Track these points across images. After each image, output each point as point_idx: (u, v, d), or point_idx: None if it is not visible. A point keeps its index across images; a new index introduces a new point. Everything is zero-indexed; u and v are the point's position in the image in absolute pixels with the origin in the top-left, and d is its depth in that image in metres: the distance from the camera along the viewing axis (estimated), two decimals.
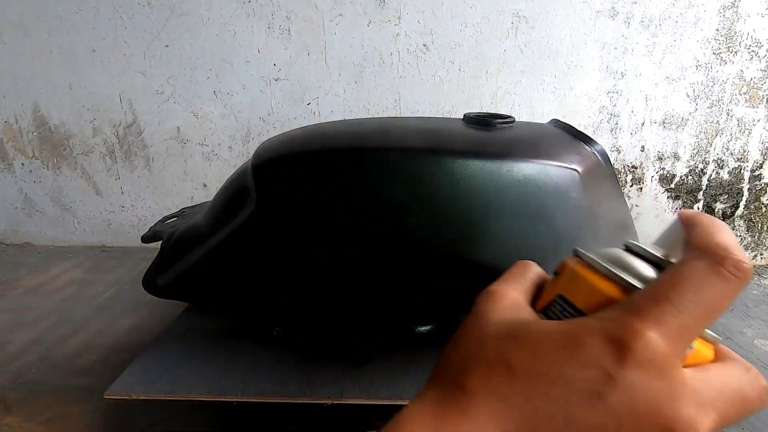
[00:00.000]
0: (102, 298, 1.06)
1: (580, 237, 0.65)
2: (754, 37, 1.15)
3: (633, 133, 1.23)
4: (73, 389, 0.75)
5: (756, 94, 1.19)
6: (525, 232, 0.62)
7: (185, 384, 0.63)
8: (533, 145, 0.67)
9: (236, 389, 0.61)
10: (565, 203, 0.63)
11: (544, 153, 0.64)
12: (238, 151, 1.28)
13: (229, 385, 0.62)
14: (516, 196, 0.61)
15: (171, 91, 1.23)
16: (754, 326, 0.97)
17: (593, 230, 0.64)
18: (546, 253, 0.63)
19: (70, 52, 1.21)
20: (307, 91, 1.22)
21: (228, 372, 0.65)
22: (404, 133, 0.69)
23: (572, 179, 0.63)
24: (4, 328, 0.93)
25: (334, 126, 0.76)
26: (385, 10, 1.15)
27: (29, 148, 1.30)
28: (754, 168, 1.24)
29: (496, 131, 0.69)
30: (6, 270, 1.22)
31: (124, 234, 1.38)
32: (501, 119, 0.70)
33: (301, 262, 0.64)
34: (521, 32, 1.16)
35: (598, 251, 0.32)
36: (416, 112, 1.23)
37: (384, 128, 0.71)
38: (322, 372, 0.65)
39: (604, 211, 0.66)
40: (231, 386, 0.62)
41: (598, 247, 0.35)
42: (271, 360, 0.68)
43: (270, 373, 0.65)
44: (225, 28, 1.18)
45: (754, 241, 1.31)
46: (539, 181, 0.62)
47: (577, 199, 0.63)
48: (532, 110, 1.21)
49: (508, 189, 0.61)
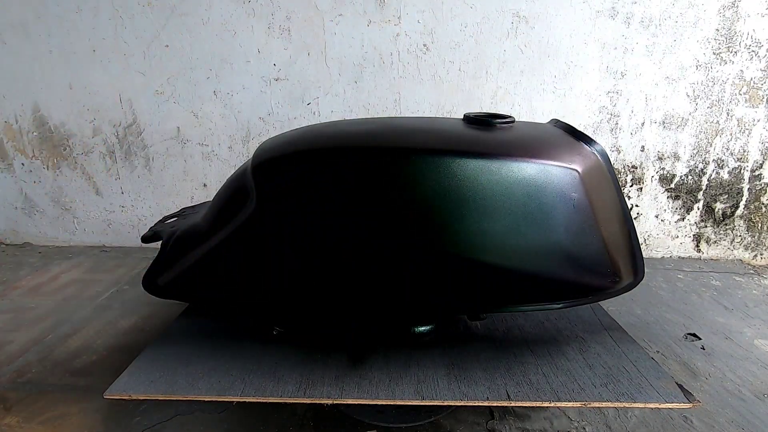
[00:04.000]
0: (102, 298, 1.06)
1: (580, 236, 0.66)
2: (754, 37, 1.15)
3: (633, 133, 1.23)
4: (73, 389, 0.75)
5: (756, 94, 1.19)
6: (525, 231, 0.63)
7: (185, 384, 0.63)
8: (534, 146, 0.68)
9: (236, 389, 0.62)
10: (566, 203, 0.64)
11: (545, 153, 0.65)
12: (238, 151, 1.28)
13: (229, 385, 0.62)
14: (516, 197, 0.62)
15: (171, 91, 1.23)
16: (754, 326, 0.97)
17: (593, 229, 0.66)
18: (544, 252, 0.64)
19: (70, 52, 1.21)
20: (307, 91, 1.22)
21: (228, 372, 0.65)
22: (404, 133, 0.69)
23: (573, 179, 0.64)
24: (4, 328, 0.93)
25: (334, 126, 0.76)
26: (385, 10, 1.15)
27: (29, 148, 1.30)
28: (754, 168, 1.25)
29: (496, 131, 0.69)
30: (6, 270, 1.22)
31: (124, 234, 1.38)
32: (501, 119, 0.71)
33: (301, 260, 0.65)
34: (521, 32, 1.16)
35: None
36: (416, 112, 1.23)
37: (384, 128, 0.71)
38: (322, 372, 0.65)
39: (604, 210, 0.67)
40: (231, 386, 0.62)
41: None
42: (272, 360, 0.68)
43: (270, 372, 0.65)
44: (225, 28, 1.18)
45: (754, 241, 1.31)
46: (540, 182, 0.63)
47: (578, 198, 0.64)
48: (532, 110, 1.21)
49: (509, 189, 0.62)
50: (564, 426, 0.67)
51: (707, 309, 1.03)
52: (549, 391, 0.62)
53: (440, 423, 0.67)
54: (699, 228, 1.30)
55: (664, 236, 1.31)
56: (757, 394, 0.75)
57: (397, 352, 0.69)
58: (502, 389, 0.61)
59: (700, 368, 0.81)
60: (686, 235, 1.31)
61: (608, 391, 0.63)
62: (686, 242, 1.32)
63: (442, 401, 0.59)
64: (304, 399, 0.60)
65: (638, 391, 0.63)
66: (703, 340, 0.91)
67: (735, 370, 0.81)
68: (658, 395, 0.62)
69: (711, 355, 0.85)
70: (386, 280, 0.64)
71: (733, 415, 0.69)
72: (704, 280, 1.18)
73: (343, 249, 0.62)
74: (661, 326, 0.95)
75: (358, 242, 0.62)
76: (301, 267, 0.65)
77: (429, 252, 0.62)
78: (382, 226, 0.61)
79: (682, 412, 0.70)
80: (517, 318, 0.77)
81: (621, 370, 0.67)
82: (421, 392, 0.60)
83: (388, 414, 0.60)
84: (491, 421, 0.68)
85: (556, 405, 0.60)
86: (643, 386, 0.64)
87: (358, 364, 0.66)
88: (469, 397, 0.60)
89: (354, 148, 0.64)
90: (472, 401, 0.59)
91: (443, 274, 0.63)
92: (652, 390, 0.63)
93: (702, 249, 1.32)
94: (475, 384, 0.62)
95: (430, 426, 0.67)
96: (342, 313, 0.72)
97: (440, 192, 0.60)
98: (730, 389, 0.76)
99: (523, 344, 0.73)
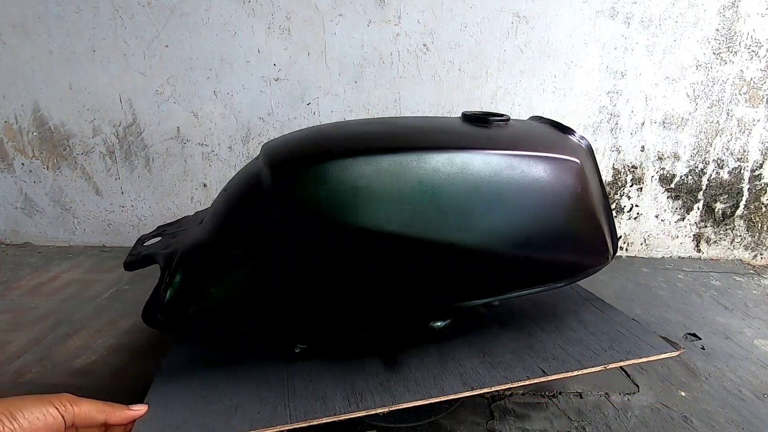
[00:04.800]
0: (102, 298, 1.06)
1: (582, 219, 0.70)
2: (754, 37, 1.15)
3: (633, 133, 1.23)
4: (73, 389, 0.75)
5: (756, 94, 1.19)
6: (535, 219, 0.66)
7: (220, 422, 0.54)
8: (538, 141, 0.71)
9: (281, 416, 0.55)
10: (571, 191, 0.68)
11: (550, 147, 0.69)
12: (238, 151, 1.28)
13: (272, 414, 0.55)
14: (527, 188, 0.65)
15: (171, 91, 1.23)
16: (754, 326, 0.97)
17: (592, 212, 0.70)
18: (552, 237, 0.67)
19: (70, 52, 1.21)
20: (307, 91, 1.22)
21: (263, 400, 0.58)
22: (422, 132, 0.69)
23: (576, 169, 0.68)
24: (4, 328, 0.93)
25: (347, 126, 0.74)
26: (385, 10, 1.15)
27: (29, 148, 1.30)
28: (754, 168, 1.25)
29: (493, 128, 0.71)
30: (6, 270, 1.22)
31: (124, 234, 1.38)
32: (497, 117, 0.73)
33: (333, 268, 0.61)
34: (521, 32, 1.16)
35: None
36: (416, 111, 1.23)
37: (403, 128, 0.70)
38: (364, 381, 0.61)
39: (596, 194, 0.72)
40: (274, 415, 0.55)
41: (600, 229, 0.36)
42: (305, 379, 0.62)
43: (310, 393, 0.59)
44: (225, 28, 1.18)
45: (754, 241, 1.31)
46: (548, 173, 0.66)
47: (581, 186, 0.69)
48: (532, 110, 1.21)
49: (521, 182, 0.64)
50: (564, 426, 0.67)
51: (707, 309, 1.03)
52: (573, 362, 0.65)
53: (440, 423, 0.67)
54: (699, 228, 1.30)
55: (664, 236, 1.31)
56: (757, 394, 0.75)
57: (424, 349, 0.68)
58: (535, 367, 0.63)
59: (700, 368, 0.81)
60: (686, 235, 1.31)
61: (617, 353, 0.67)
62: (686, 242, 1.32)
63: (491, 387, 0.60)
64: (359, 412, 0.55)
65: (638, 348, 0.68)
66: (703, 340, 0.91)
67: (735, 370, 0.81)
68: (653, 349, 0.68)
69: (711, 355, 0.86)
70: (413, 278, 0.63)
71: (733, 415, 0.70)
72: (704, 280, 1.18)
73: (375, 250, 0.61)
74: (661, 326, 0.95)
75: (388, 242, 0.60)
76: (333, 274, 0.61)
77: (455, 245, 0.62)
78: (411, 224, 0.60)
79: (681, 410, 0.70)
80: (512, 300, 0.78)
81: (616, 333, 0.73)
82: (469, 383, 0.60)
83: (387, 414, 0.59)
84: (491, 421, 0.68)
85: (583, 372, 0.64)
86: (639, 344, 0.70)
87: (396, 366, 0.64)
88: (511, 379, 0.61)
89: (384, 149, 0.62)
90: (516, 382, 0.61)
91: (468, 265, 0.64)
92: (646, 346, 0.69)
93: (702, 249, 1.32)
94: (511, 367, 0.64)
95: (430, 426, 0.67)
96: (368, 317, 0.69)
97: (463, 188, 0.62)
98: (730, 389, 0.76)
99: (531, 324, 0.76)
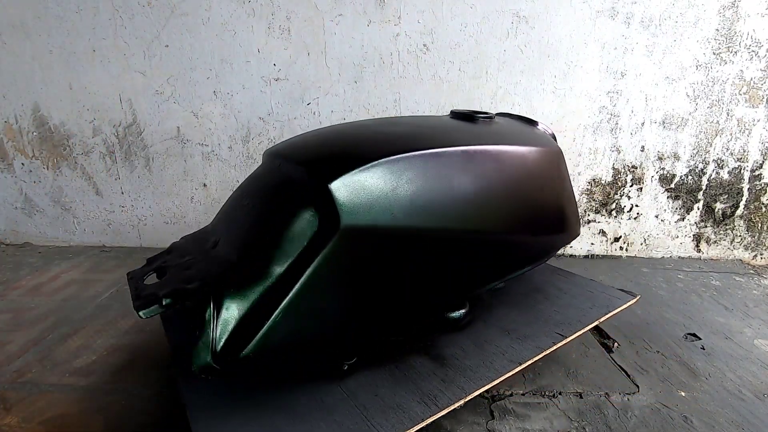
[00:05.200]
0: (102, 298, 1.06)
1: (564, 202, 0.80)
2: (754, 37, 1.15)
3: (633, 133, 1.23)
4: (73, 389, 0.75)
5: (756, 94, 1.19)
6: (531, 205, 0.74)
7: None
8: (525, 135, 0.79)
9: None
10: (555, 177, 0.78)
11: (535, 140, 0.77)
12: (238, 151, 1.28)
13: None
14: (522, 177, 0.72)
15: (171, 91, 1.23)
16: (754, 326, 0.97)
17: (570, 195, 0.82)
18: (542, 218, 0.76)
19: (70, 52, 1.21)
20: (307, 91, 1.22)
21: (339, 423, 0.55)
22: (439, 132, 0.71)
23: (559, 157, 0.79)
24: (4, 328, 0.93)
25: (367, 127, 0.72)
26: (385, 10, 1.15)
27: (29, 148, 1.30)
28: (754, 168, 1.25)
29: (481, 125, 0.78)
30: (6, 270, 1.22)
31: (124, 234, 1.38)
32: (482, 115, 0.80)
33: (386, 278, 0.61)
34: (521, 32, 1.16)
35: None
36: (416, 111, 1.23)
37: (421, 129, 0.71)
38: (426, 382, 0.61)
39: (569, 178, 0.83)
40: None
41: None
42: (368, 395, 0.59)
43: (382, 407, 0.57)
44: (225, 28, 1.18)
45: (754, 241, 1.31)
46: (538, 162, 0.74)
47: (562, 172, 0.79)
48: (532, 110, 1.21)
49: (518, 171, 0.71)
50: (564, 426, 0.67)
51: (707, 309, 1.03)
52: (574, 323, 0.75)
53: (440, 423, 0.67)
54: (699, 228, 1.30)
55: (664, 236, 1.31)
56: (757, 394, 0.75)
57: (455, 340, 0.71)
58: (553, 333, 0.72)
59: (700, 368, 0.81)
60: (686, 235, 1.31)
61: (599, 309, 0.79)
62: (686, 242, 1.32)
63: (532, 359, 0.66)
64: (441, 412, 0.57)
65: (610, 302, 0.81)
66: (703, 340, 0.91)
67: (735, 370, 0.81)
68: (618, 300, 0.81)
69: (711, 355, 0.86)
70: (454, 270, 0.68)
71: (733, 415, 0.70)
72: (704, 280, 1.18)
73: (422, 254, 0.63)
74: (661, 326, 0.95)
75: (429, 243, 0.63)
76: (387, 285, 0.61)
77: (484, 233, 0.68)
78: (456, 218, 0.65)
79: (681, 410, 0.70)
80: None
81: (589, 293, 0.85)
82: (515, 359, 0.66)
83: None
84: (491, 421, 0.68)
85: (586, 330, 0.74)
86: (609, 299, 0.82)
87: (444, 360, 0.67)
88: (543, 348, 0.69)
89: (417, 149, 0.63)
90: (549, 350, 0.68)
91: (491, 250, 0.71)
92: (614, 299, 0.81)
93: (702, 249, 1.32)
94: (536, 338, 0.71)
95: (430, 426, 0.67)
96: (415, 315, 0.71)
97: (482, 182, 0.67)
98: (730, 389, 0.76)
99: (526, 298, 0.84)
